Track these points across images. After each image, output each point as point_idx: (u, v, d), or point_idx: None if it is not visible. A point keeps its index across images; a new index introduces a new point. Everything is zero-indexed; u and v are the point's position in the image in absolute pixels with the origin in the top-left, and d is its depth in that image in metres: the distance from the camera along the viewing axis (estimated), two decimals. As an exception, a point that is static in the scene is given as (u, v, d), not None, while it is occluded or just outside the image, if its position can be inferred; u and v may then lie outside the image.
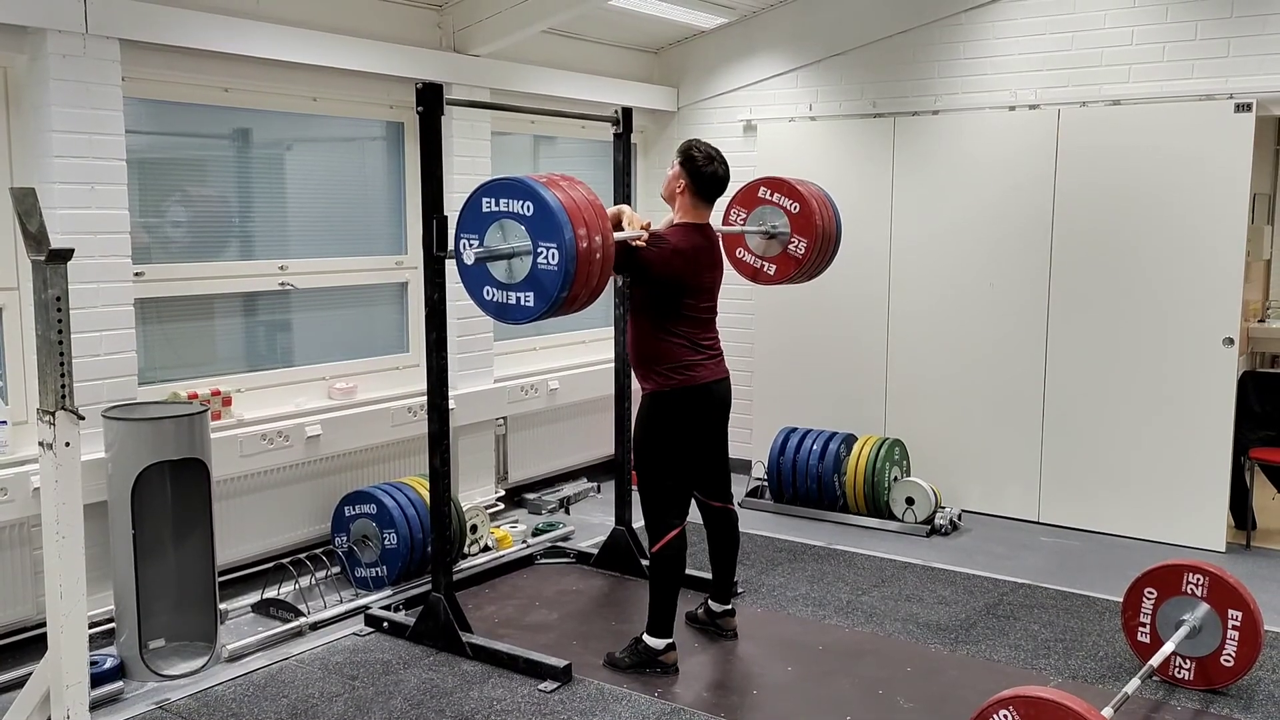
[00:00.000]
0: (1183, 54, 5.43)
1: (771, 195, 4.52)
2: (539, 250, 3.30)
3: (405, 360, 5.69)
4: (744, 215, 4.59)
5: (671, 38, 6.98)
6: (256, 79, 4.82)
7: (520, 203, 3.33)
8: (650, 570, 4.07)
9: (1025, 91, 5.86)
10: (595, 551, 5.27)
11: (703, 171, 4.00)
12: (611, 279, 4.55)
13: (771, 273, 4.58)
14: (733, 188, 6.85)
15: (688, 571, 4.82)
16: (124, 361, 4.25)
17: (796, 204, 4.46)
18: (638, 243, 3.85)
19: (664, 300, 3.93)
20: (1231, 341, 5.37)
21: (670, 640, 4.04)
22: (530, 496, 6.30)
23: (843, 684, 3.97)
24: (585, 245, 3.29)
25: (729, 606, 4.43)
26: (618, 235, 3.70)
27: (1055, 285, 5.82)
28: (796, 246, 4.49)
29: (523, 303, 3.38)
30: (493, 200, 3.40)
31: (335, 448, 5.06)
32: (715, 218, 4.23)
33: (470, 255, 3.40)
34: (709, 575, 4.49)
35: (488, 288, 3.46)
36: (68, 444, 2.98)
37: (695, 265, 3.96)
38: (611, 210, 4.08)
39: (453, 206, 4.91)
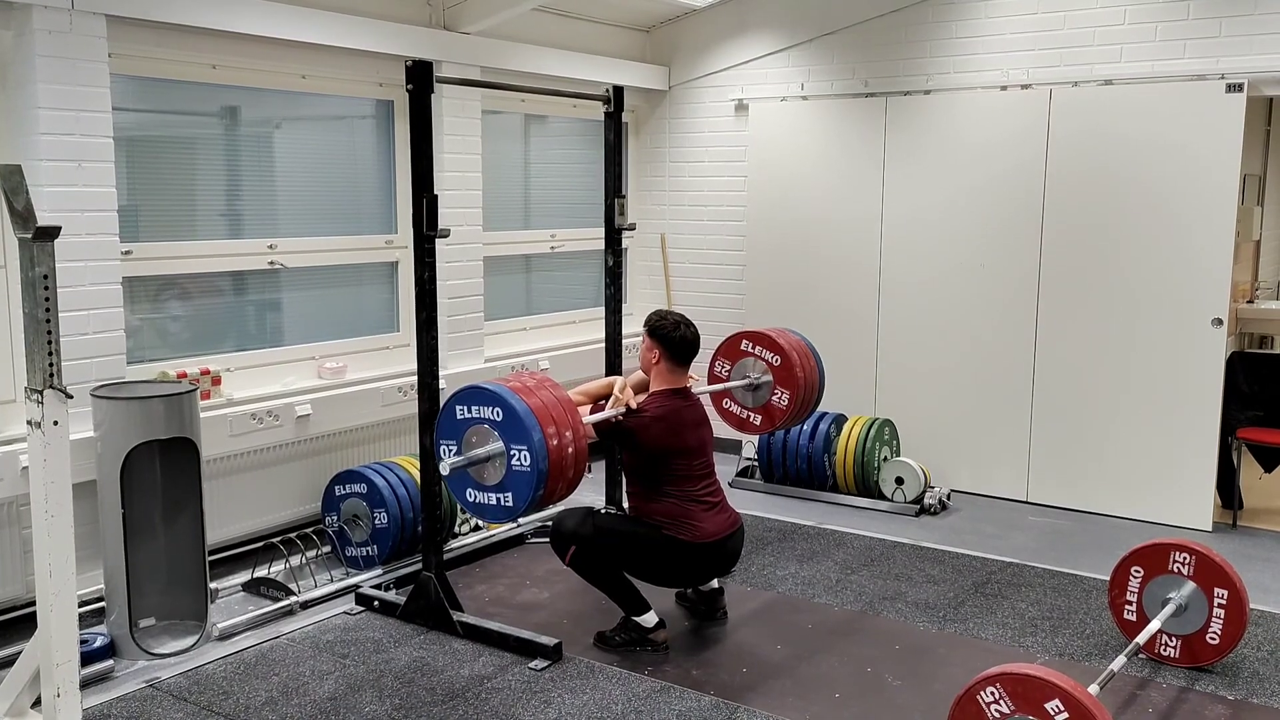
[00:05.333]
0: (1175, 34, 5.42)
1: (753, 348, 4.63)
2: (512, 453, 3.47)
3: (395, 340, 5.67)
4: (728, 367, 4.68)
5: (663, 16, 6.95)
6: (245, 56, 4.78)
7: (490, 409, 3.51)
8: (579, 575, 4.11)
9: (1017, 71, 5.85)
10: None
11: (673, 337, 4.12)
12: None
13: (757, 423, 4.69)
14: (724, 171, 6.92)
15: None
16: (112, 340, 4.24)
17: (778, 357, 4.57)
18: (618, 418, 3.99)
19: (654, 464, 4.02)
20: (1220, 322, 5.39)
21: (659, 619, 4.06)
22: (521, 476, 6.29)
23: (831, 662, 4.00)
24: (555, 443, 3.47)
25: (718, 585, 4.45)
26: (596, 417, 3.91)
27: (1046, 265, 5.83)
28: (780, 398, 4.59)
29: (503, 503, 3.55)
30: (465, 408, 3.57)
31: (325, 427, 5.05)
32: (700, 369, 4.38)
33: (446, 466, 3.56)
34: None
35: (469, 489, 3.61)
36: (56, 423, 2.97)
37: (678, 427, 4.05)
38: (603, 381, 4.26)
39: (443, 186, 4.90)
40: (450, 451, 3.59)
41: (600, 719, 3.53)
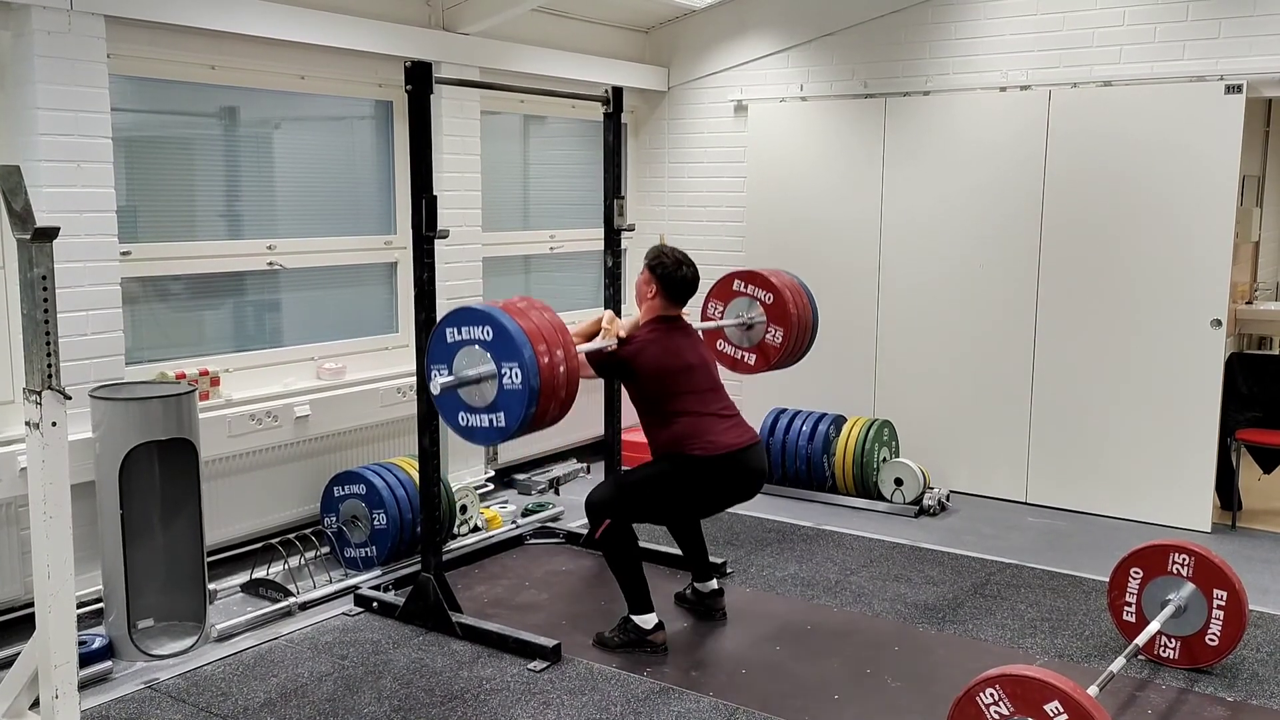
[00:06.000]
0: (1174, 35, 5.42)
1: (745, 288, 4.64)
2: (503, 371, 3.43)
3: (394, 340, 5.67)
4: (720, 308, 4.68)
5: (662, 17, 6.95)
6: (243, 56, 4.78)
7: (480, 328, 3.48)
8: (603, 555, 4.11)
9: (1016, 72, 5.85)
10: (584, 532, 5.27)
11: (673, 276, 4.10)
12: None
13: (752, 362, 4.68)
14: (723, 172, 6.91)
15: (671, 551, 4.85)
16: (111, 341, 4.23)
17: (770, 294, 4.58)
18: (609, 348, 3.98)
19: (657, 388, 4.00)
20: (1219, 323, 5.39)
21: (658, 620, 4.06)
22: (520, 477, 6.30)
23: (831, 663, 3.99)
24: (546, 360, 3.43)
25: (717, 587, 4.45)
26: (586, 348, 3.90)
27: (1045, 266, 5.83)
28: (774, 336, 4.60)
29: (495, 424, 3.50)
30: (455, 329, 3.54)
31: (324, 428, 5.05)
32: (694, 313, 4.37)
33: (437, 385, 3.51)
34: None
35: (462, 413, 3.57)
36: (54, 424, 2.97)
37: (673, 346, 4.04)
38: (594, 318, 4.24)
39: (442, 186, 4.90)
40: (441, 375, 3.55)
41: (599, 720, 3.53)
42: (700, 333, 4.41)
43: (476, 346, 3.48)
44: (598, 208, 5.19)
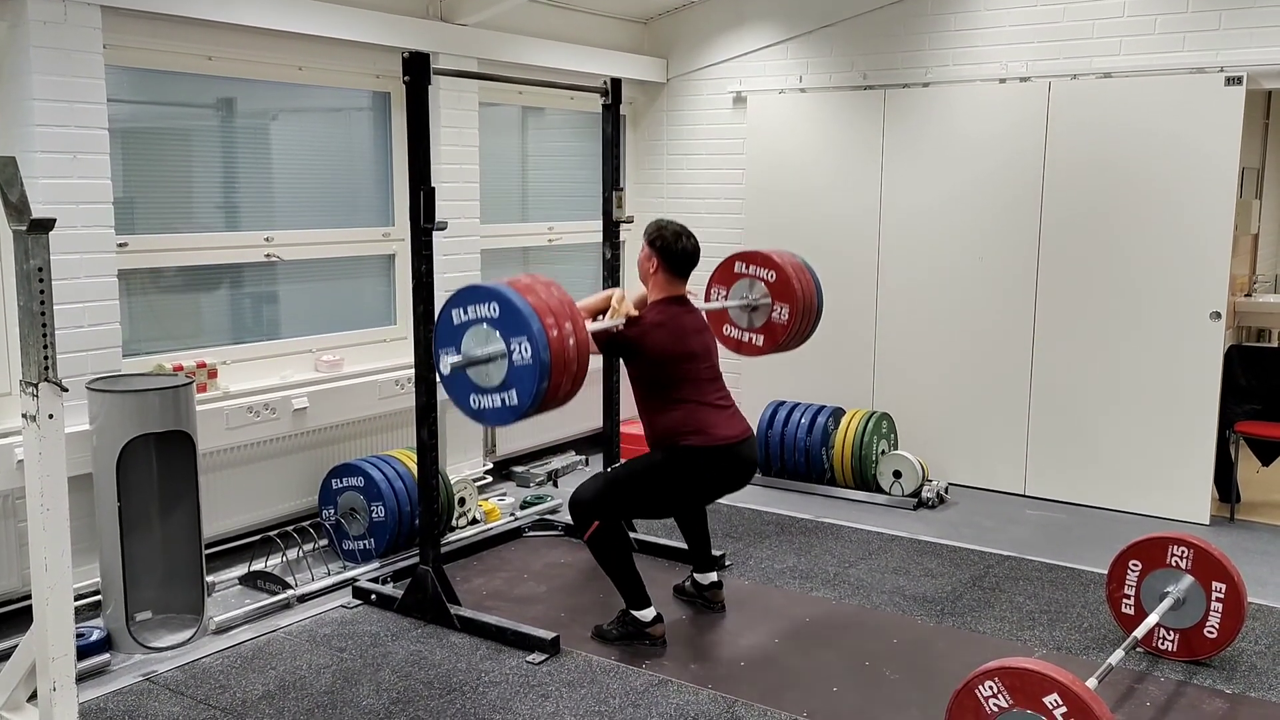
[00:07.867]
0: (1174, 26, 5.41)
1: (747, 268, 4.58)
2: (512, 347, 3.36)
3: (392, 333, 5.66)
4: (724, 292, 4.64)
5: (661, 8, 6.93)
6: (241, 47, 4.76)
7: (485, 305, 3.40)
8: (593, 555, 4.08)
9: (1016, 64, 5.84)
10: (583, 524, 5.27)
11: (673, 249, 4.08)
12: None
13: (759, 343, 4.61)
14: (722, 164, 6.90)
15: (668, 544, 4.85)
16: (108, 333, 4.22)
17: (773, 272, 4.52)
18: (617, 328, 3.95)
19: (659, 372, 3.98)
20: (1219, 316, 5.38)
21: (657, 612, 4.05)
22: (518, 469, 6.30)
23: (829, 656, 3.99)
24: (555, 333, 3.36)
25: (716, 579, 4.44)
26: (594, 327, 3.83)
27: (1044, 258, 5.82)
28: (780, 313, 4.53)
29: (507, 402, 3.41)
30: (461, 310, 3.46)
31: (322, 420, 5.04)
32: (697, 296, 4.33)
33: (446, 365, 3.44)
34: (685, 546, 4.51)
35: (473, 395, 3.49)
36: (51, 416, 2.96)
37: (679, 332, 4.02)
38: (601, 295, 4.21)
39: (440, 178, 4.89)
40: (450, 357, 3.47)
41: (598, 712, 3.53)
42: (705, 314, 4.37)
43: (484, 326, 3.39)
44: (596, 200, 5.18)
